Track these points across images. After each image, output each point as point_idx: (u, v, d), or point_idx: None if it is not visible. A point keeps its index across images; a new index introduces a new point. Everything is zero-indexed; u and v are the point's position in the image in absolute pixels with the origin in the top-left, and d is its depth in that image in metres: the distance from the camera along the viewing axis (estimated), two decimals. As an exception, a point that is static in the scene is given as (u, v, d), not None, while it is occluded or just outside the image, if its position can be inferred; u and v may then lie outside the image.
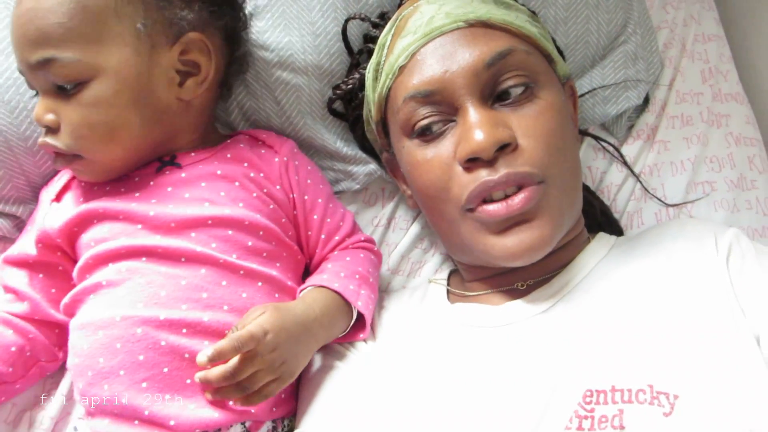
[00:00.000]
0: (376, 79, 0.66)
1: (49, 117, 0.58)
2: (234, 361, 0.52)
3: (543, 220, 0.56)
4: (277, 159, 0.69)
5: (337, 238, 0.70)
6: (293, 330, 0.56)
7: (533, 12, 0.70)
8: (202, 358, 0.52)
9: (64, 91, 0.57)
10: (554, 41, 0.73)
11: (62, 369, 0.68)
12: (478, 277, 0.67)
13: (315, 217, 0.69)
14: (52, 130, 0.59)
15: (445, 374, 0.57)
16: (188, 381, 0.56)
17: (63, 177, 0.67)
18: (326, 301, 0.62)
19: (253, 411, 0.58)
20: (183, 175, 0.63)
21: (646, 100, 0.84)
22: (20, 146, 0.67)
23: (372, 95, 0.68)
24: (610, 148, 0.81)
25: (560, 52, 0.74)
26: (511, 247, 0.57)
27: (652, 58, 0.83)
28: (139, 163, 0.64)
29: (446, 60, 0.58)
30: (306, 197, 0.69)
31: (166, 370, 0.56)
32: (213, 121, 0.73)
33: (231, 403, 0.56)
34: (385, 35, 0.65)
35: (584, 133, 0.81)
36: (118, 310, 0.57)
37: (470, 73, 0.57)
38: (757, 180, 0.82)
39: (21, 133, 0.67)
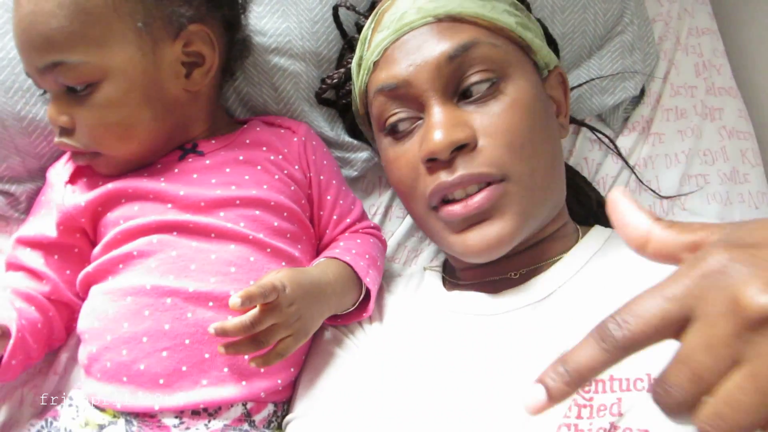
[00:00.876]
0: (358, 73, 0.67)
1: (64, 118, 0.59)
2: (254, 311, 0.52)
3: (503, 218, 0.56)
4: (295, 138, 0.70)
5: (348, 220, 0.71)
6: (309, 288, 0.57)
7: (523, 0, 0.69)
8: (235, 299, 0.51)
9: (75, 92, 0.58)
10: (546, 29, 0.72)
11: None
12: (469, 265, 0.68)
13: (328, 197, 0.70)
14: (67, 130, 0.60)
15: (442, 362, 0.58)
16: (207, 355, 0.57)
17: (69, 164, 0.67)
18: (339, 270, 0.63)
19: (262, 394, 0.59)
20: (207, 162, 0.65)
21: (642, 92, 0.84)
22: (15, 126, 0.67)
23: (356, 88, 0.68)
24: (606, 140, 0.82)
25: (552, 41, 0.74)
26: (471, 245, 0.57)
27: (649, 49, 0.84)
28: (157, 154, 0.65)
29: (412, 55, 0.58)
30: (321, 177, 0.70)
31: (187, 341, 0.57)
32: (222, 107, 0.74)
33: (249, 361, 0.55)
34: (366, 29, 0.66)
35: (580, 124, 0.82)
36: (149, 279, 0.58)
37: (433, 67, 0.57)
38: (750, 173, 0.83)
39: (16, 113, 0.67)
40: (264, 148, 0.68)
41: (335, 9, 0.74)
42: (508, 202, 0.56)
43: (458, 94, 0.58)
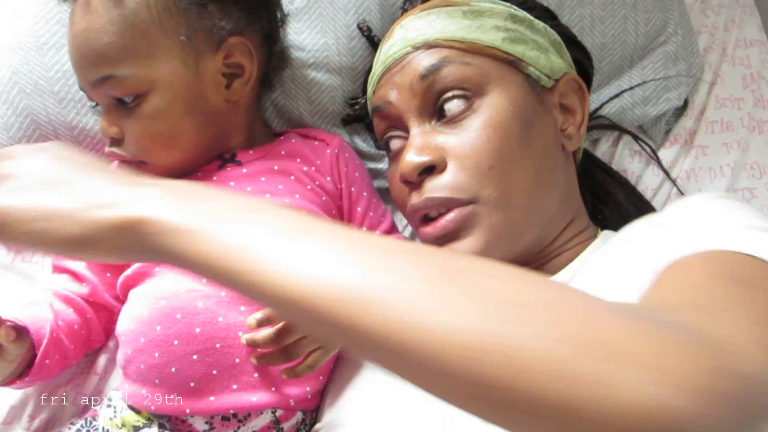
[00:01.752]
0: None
1: (114, 129, 0.62)
2: (281, 324, 0.53)
3: (473, 238, 0.55)
4: (328, 151, 0.71)
5: (378, 232, 0.71)
6: None
7: (530, 3, 0.67)
8: (251, 321, 0.54)
9: (124, 104, 0.61)
10: (574, 38, 0.69)
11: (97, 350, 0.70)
12: None
13: (359, 209, 0.71)
14: (117, 141, 0.63)
15: None
16: (237, 360, 0.58)
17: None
18: None
19: (291, 401, 0.60)
20: (244, 170, 0.66)
21: (685, 105, 0.82)
22: (67, 135, 0.71)
23: None
24: (648, 149, 0.80)
25: (582, 49, 0.70)
26: None
27: (693, 59, 0.82)
28: (198, 163, 0.67)
29: (393, 78, 0.60)
30: (353, 189, 0.71)
31: (218, 345, 0.58)
32: (260, 119, 0.76)
33: (280, 373, 0.57)
34: (374, 65, 0.67)
35: (621, 130, 0.80)
36: (183, 284, 0.59)
37: (407, 89, 0.59)
38: (801, 187, 0.79)
39: (68, 123, 0.70)
40: (298, 160, 0.69)
41: (359, 27, 0.76)
42: (476, 222, 0.55)
43: (435, 114, 0.59)
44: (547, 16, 0.67)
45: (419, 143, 0.57)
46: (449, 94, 0.57)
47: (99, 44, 0.59)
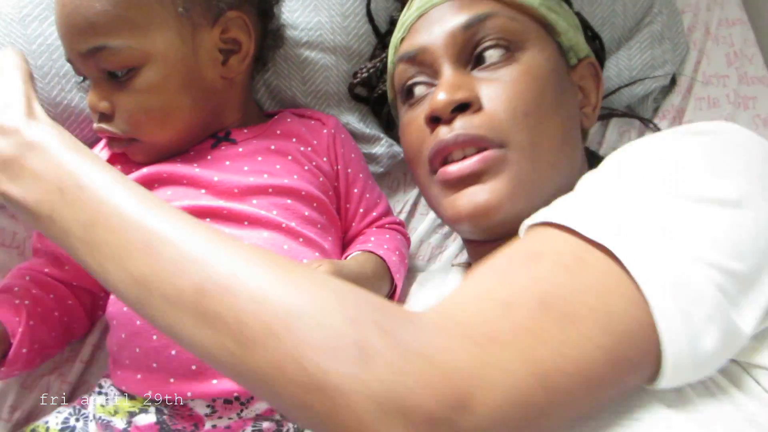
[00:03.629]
0: (391, 56, 0.67)
1: (104, 104, 0.59)
2: None
3: (495, 182, 0.54)
4: (325, 131, 0.70)
5: (374, 213, 0.71)
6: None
7: None
8: None
9: (115, 78, 0.58)
10: (587, 24, 0.72)
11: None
12: (480, 256, 0.66)
13: (355, 190, 0.70)
14: (106, 116, 0.60)
15: None
16: None
17: (104, 150, 0.67)
18: (375, 266, 0.64)
19: None
20: (240, 149, 0.65)
21: (673, 81, 0.84)
22: (50, 111, 0.67)
23: (389, 73, 0.68)
24: (643, 121, 0.81)
25: (597, 36, 0.73)
26: (458, 205, 0.55)
27: (678, 38, 0.83)
28: (192, 142, 0.65)
29: (432, 26, 0.59)
30: (349, 170, 0.70)
31: None
32: (253, 99, 0.74)
33: None
34: (402, 15, 0.66)
35: (613, 113, 0.81)
36: None
37: (448, 35, 0.57)
38: (787, 161, 0.81)
39: (52, 99, 0.68)
40: (294, 139, 0.68)
41: (368, 2, 0.74)
42: (504, 168, 0.54)
43: (472, 61, 0.58)
44: (568, 3, 0.68)
45: (454, 81, 0.56)
46: (491, 42, 0.56)
47: (92, 12, 0.56)
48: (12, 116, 0.48)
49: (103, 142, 0.67)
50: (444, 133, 0.55)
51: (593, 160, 0.77)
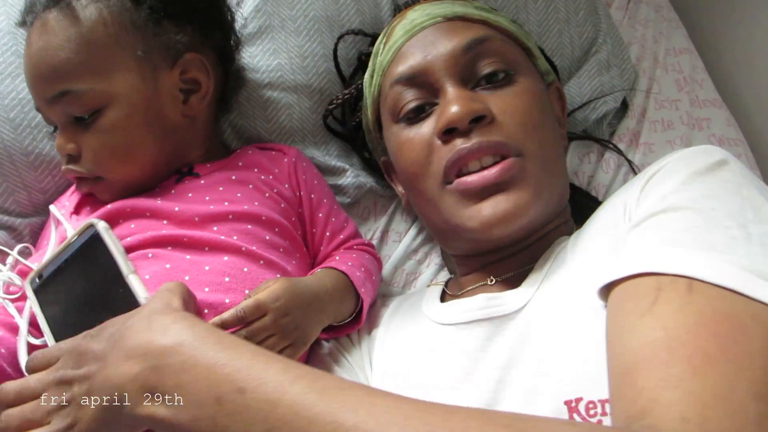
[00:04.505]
0: (371, 84, 0.70)
1: (71, 146, 0.63)
2: (245, 331, 0.53)
3: (520, 190, 0.56)
4: (285, 159, 0.73)
5: (341, 236, 0.72)
6: (305, 297, 0.58)
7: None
8: (217, 320, 0.52)
9: (81, 121, 0.62)
10: (543, 50, 0.76)
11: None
12: (471, 269, 0.67)
13: (320, 215, 0.72)
14: (74, 158, 0.63)
15: (428, 377, 0.57)
16: None
17: (76, 193, 0.69)
18: (336, 279, 0.64)
19: None
20: (202, 182, 0.67)
21: (625, 107, 0.86)
22: (23, 160, 0.71)
23: (368, 100, 0.71)
24: (600, 142, 0.84)
25: (550, 62, 0.77)
26: (486, 215, 0.56)
27: (625, 65, 0.87)
28: (156, 178, 0.67)
29: (427, 47, 0.62)
30: (312, 195, 0.72)
31: None
32: (217, 135, 0.78)
33: None
34: (377, 45, 0.70)
35: (573, 136, 0.83)
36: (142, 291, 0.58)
37: (449, 56, 0.60)
38: (746, 177, 0.82)
39: (24, 148, 0.71)
40: (255, 169, 0.70)
41: (339, 39, 0.79)
42: (525, 176, 0.57)
43: (473, 81, 0.61)
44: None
45: (465, 96, 0.58)
46: (491, 68, 0.60)
47: (56, 60, 0.60)
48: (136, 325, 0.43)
49: (71, 190, 0.70)
50: (462, 142, 0.57)
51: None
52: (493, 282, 0.63)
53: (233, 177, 0.68)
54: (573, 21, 0.86)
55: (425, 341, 0.61)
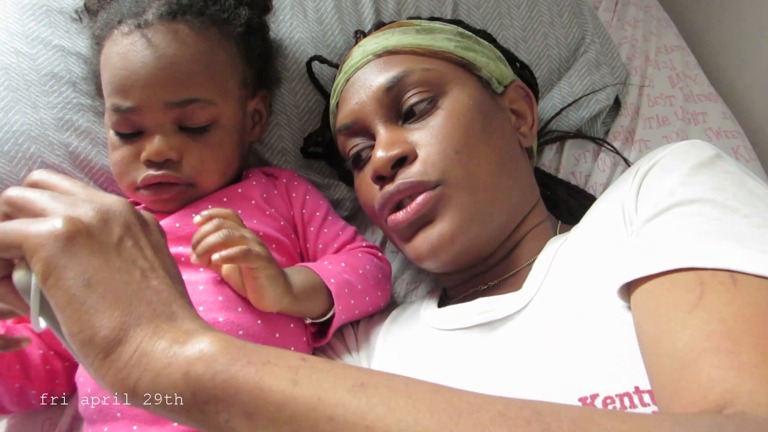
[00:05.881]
0: (333, 119, 0.72)
1: (174, 152, 0.65)
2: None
3: (444, 220, 0.58)
4: (278, 182, 0.75)
5: (335, 245, 0.72)
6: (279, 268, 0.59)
7: (473, 29, 0.73)
8: (197, 217, 0.56)
9: (188, 131, 0.65)
10: (514, 56, 0.76)
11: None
12: (457, 282, 0.67)
13: (312, 228, 0.73)
14: (171, 163, 0.65)
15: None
16: None
17: None
18: (307, 274, 0.63)
19: None
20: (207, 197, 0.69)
21: (618, 105, 0.86)
22: (19, 192, 0.72)
23: (334, 134, 0.73)
24: (595, 141, 0.83)
25: (524, 66, 0.78)
26: (418, 248, 0.60)
27: (615, 63, 0.87)
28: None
29: (358, 92, 0.65)
30: (304, 211, 0.73)
31: None
32: None
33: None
34: (336, 77, 0.72)
35: (567, 136, 0.83)
36: None
37: (374, 100, 0.63)
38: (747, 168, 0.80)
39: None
40: (258, 188, 0.72)
41: (308, 64, 0.80)
42: (446, 203, 0.58)
43: (402, 116, 0.63)
44: (488, 38, 0.74)
45: (389, 139, 0.61)
46: (415, 98, 0.62)
47: (190, 69, 0.64)
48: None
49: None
50: (387, 187, 0.61)
51: (550, 181, 0.79)
52: (488, 287, 0.63)
53: (239, 190, 0.70)
54: (557, 23, 0.86)
55: (424, 347, 0.60)
